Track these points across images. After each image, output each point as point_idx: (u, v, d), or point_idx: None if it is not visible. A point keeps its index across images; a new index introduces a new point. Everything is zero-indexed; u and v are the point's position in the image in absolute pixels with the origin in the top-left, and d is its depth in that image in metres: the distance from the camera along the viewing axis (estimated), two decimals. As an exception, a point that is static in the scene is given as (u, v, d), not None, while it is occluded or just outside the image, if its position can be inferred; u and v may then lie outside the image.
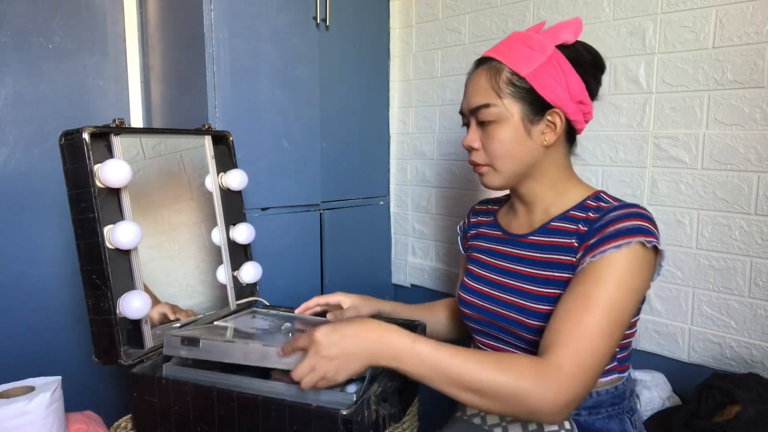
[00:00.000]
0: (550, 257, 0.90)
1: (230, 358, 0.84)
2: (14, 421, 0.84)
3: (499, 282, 0.97)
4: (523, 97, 0.87)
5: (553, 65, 0.87)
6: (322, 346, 0.75)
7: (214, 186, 1.18)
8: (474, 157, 0.94)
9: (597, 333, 0.74)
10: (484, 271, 1.01)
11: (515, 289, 0.93)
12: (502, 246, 1.01)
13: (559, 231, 0.91)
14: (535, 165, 0.92)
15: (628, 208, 0.84)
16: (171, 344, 0.90)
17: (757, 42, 1.11)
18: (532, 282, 0.91)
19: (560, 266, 0.87)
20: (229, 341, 0.85)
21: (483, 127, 0.91)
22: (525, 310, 0.89)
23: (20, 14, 1.43)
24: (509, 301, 0.92)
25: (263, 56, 1.47)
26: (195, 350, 0.87)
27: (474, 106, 0.91)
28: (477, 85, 0.92)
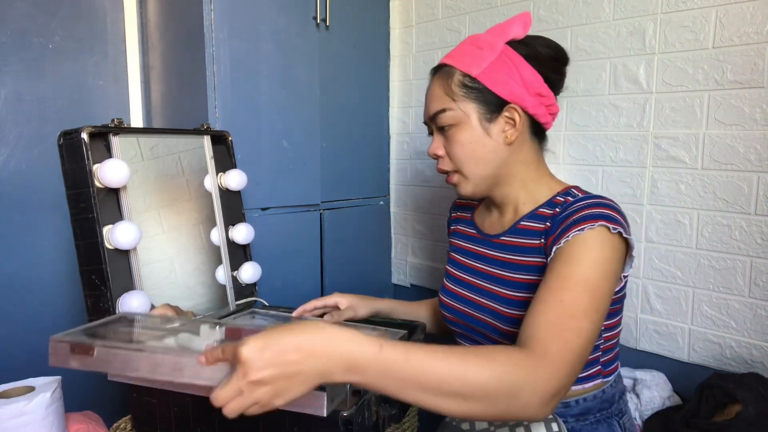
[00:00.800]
0: (520, 259, 0.89)
1: (134, 371, 0.65)
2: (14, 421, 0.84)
3: (473, 284, 0.97)
4: (477, 96, 0.87)
5: (504, 61, 0.87)
6: (251, 369, 0.55)
7: (213, 186, 1.18)
8: (441, 164, 0.94)
9: (578, 312, 0.70)
10: (459, 272, 1.02)
11: (487, 291, 0.93)
12: (476, 246, 1.01)
13: (528, 231, 0.90)
14: (503, 166, 0.90)
15: (593, 198, 0.82)
16: (58, 353, 0.69)
17: (757, 42, 1.11)
18: (503, 285, 0.90)
19: (530, 269, 0.87)
20: (134, 349, 0.65)
21: (444, 133, 0.91)
22: (497, 314, 0.89)
23: (20, 14, 1.43)
24: (483, 304, 0.92)
25: (263, 56, 1.47)
26: (88, 360, 0.67)
27: (432, 113, 0.91)
28: (432, 92, 0.92)
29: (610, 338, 0.90)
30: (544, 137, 0.95)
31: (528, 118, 0.90)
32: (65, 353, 0.69)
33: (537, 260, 0.86)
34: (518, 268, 0.89)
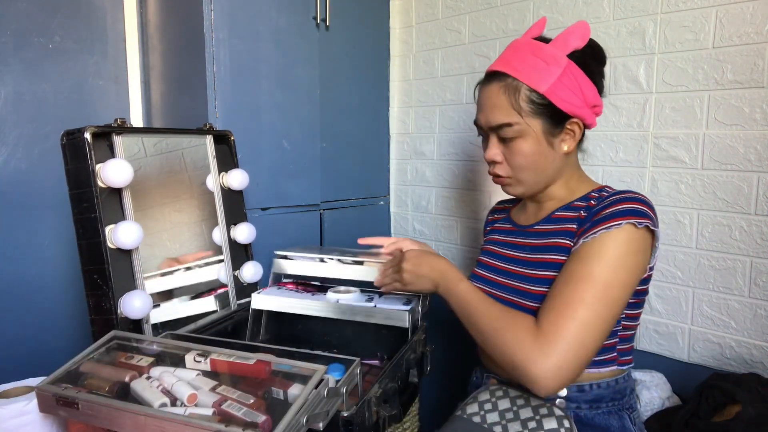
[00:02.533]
0: (549, 242, 0.94)
1: (119, 427, 0.69)
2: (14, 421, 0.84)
3: (502, 268, 1.01)
4: (543, 112, 0.89)
5: (568, 77, 0.88)
6: (409, 262, 0.97)
7: (215, 186, 1.18)
8: (497, 169, 0.96)
9: (591, 303, 0.79)
10: (491, 259, 1.06)
11: (515, 273, 0.97)
12: (509, 237, 1.05)
13: (562, 219, 0.95)
14: (556, 171, 0.96)
15: (625, 193, 0.87)
16: (45, 403, 0.73)
17: (757, 42, 1.11)
18: (528, 266, 0.95)
19: (556, 249, 0.91)
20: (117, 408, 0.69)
21: (504, 143, 0.93)
22: (522, 293, 0.93)
23: (20, 14, 1.43)
24: (509, 285, 0.97)
25: (263, 56, 1.47)
26: (75, 413, 0.72)
27: (495, 125, 0.92)
28: (495, 102, 0.92)
29: (629, 327, 0.92)
30: (583, 138, 0.98)
31: (584, 127, 0.94)
32: (52, 404, 0.73)
33: (564, 241, 0.90)
34: (545, 249, 0.93)
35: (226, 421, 0.65)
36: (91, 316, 0.93)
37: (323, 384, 0.71)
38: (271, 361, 0.77)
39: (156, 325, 1.00)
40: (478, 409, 0.91)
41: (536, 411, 0.88)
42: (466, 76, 1.67)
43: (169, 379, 0.74)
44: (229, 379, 0.75)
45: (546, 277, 0.90)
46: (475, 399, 0.93)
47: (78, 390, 0.72)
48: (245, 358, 0.78)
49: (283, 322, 1.18)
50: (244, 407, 0.67)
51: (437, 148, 1.79)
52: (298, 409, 0.65)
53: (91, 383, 0.75)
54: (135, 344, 0.85)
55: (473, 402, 0.93)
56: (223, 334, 1.10)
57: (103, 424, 0.70)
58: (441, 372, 1.67)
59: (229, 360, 0.78)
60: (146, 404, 0.69)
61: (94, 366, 0.79)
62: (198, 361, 0.79)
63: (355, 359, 0.80)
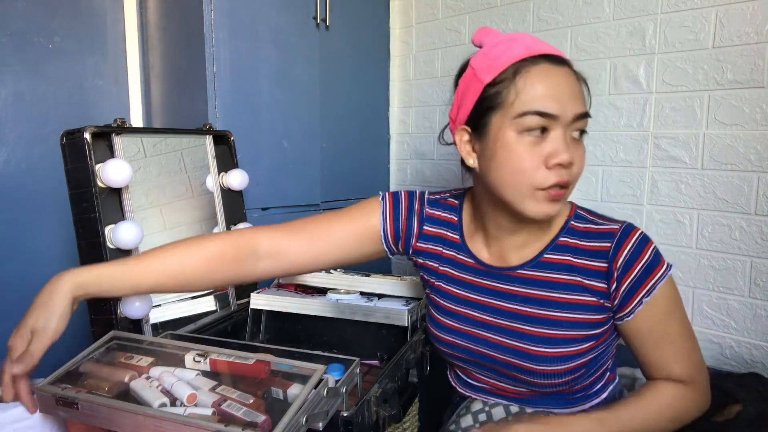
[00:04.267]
0: (559, 297, 0.81)
1: (119, 427, 0.69)
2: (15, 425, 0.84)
3: (482, 321, 0.86)
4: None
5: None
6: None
7: (215, 186, 1.18)
8: (567, 175, 0.75)
9: (693, 347, 0.83)
10: (457, 306, 0.89)
11: (510, 330, 0.83)
12: (475, 277, 0.88)
13: (557, 265, 0.82)
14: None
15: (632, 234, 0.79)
16: (45, 402, 0.73)
17: (757, 42, 1.11)
18: (538, 324, 0.81)
19: (579, 307, 0.80)
20: (117, 408, 0.68)
21: (575, 141, 0.77)
22: (526, 354, 0.81)
23: (20, 14, 1.43)
24: (503, 344, 0.83)
25: (263, 56, 1.47)
26: (74, 413, 0.71)
27: (581, 113, 0.75)
28: (575, 89, 0.76)
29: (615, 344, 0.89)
30: None
31: None
32: (52, 405, 0.72)
33: (585, 299, 0.80)
34: (555, 306, 0.81)
35: (226, 421, 0.65)
36: (91, 316, 0.93)
37: (323, 384, 0.71)
38: (271, 361, 0.76)
39: (156, 325, 1.00)
40: (472, 421, 0.87)
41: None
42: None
43: (168, 379, 0.74)
44: (229, 379, 0.75)
45: (567, 336, 0.79)
46: (468, 410, 0.89)
47: (78, 390, 0.72)
48: (245, 358, 0.77)
49: (283, 322, 1.18)
50: (243, 407, 0.67)
51: (437, 148, 1.78)
52: (297, 409, 0.65)
53: (91, 383, 0.75)
54: (135, 344, 0.85)
55: (466, 414, 0.88)
56: (222, 334, 1.10)
57: (102, 424, 0.70)
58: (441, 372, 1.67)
59: (228, 360, 0.78)
60: (146, 404, 0.69)
61: (94, 366, 0.79)
62: (197, 361, 0.79)
63: (355, 359, 0.79)
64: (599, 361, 0.85)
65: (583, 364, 0.81)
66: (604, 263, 0.79)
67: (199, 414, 0.67)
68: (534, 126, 0.73)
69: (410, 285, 1.16)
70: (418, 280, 1.19)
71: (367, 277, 1.20)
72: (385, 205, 0.94)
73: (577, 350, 0.80)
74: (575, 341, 0.80)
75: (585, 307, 0.80)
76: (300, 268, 0.91)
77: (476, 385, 0.92)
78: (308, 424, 0.66)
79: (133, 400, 0.71)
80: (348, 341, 1.14)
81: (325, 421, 0.69)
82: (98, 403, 0.69)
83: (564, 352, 0.79)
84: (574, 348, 0.80)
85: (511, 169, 0.75)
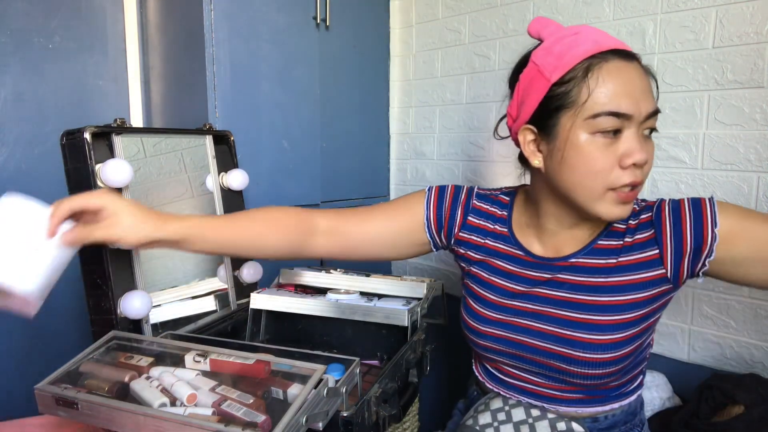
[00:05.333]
0: (616, 281, 0.79)
1: (119, 427, 0.69)
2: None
3: (532, 311, 0.84)
4: None
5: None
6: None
7: (215, 186, 1.18)
8: (641, 175, 0.74)
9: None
10: (502, 298, 0.88)
11: (562, 319, 0.81)
12: (524, 269, 0.87)
13: (608, 250, 0.81)
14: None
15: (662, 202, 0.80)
16: (45, 403, 0.73)
17: (757, 42, 1.11)
18: (589, 311, 0.80)
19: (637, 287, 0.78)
20: (117, 408, 0.68)
21: (645, 139, 0.75)
22: (582, 344, 0.79)
23: (20, 14, 1.43)
24: (557, 334, 0.81)
25: (263, 56, 1.47)
26: (74, 413, 0.71)
27: (652, 111, 0.74)
28: (647, 86, 0.74)
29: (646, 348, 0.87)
30: None
31: None
32: (52, 404, 0.72)
33: (643, 276, 0.78)
34: (609, 291, 0.79)
35: (226, 421, 0.65)
36: (91, 316, 0.93)
37: (323, 384, 0.71)
38: (271, 361, 0.77)
39: (156, 325, 1.00)
40: (491, 419, 0.86)
41: (554, 427, 0.82)
42: (466, 76, 1.67)
43: (168, 379, 0.74)
44: (229, 379, 0.75)
45: (617, 322, 0.78)
46: (487, 407, 0.87)
47: (78, 390, 0.72)
48: (245, 358, 0.78)
49: (283, 322, 1.18)
50: (243, 407, 0.68)
51: (437, 148, 1.79)
52: (297, 409, 0.65)
53: (91, 383, 0.75)
54: (135, 344, 0.85)
55: (485, 411, 0.86)
56: (222, 334, 1.10)
57: (102, 424, 0.70)
58: (441, 372, 1.67)
59: (228, 360, 0.78)
60: (146, 404, 0.70)
61: (94, 366, 0.80)
62: (197, 361, 0.79)
63: (355, 359, 0.80)
64: (640, 354, 0.84)
65: (628, 354, 0.79)
66: (650, 231, 0.78)
67: (199, 414, 0.67)
68: (609, 128, 0.72)
69: (410, 285, 1.16)
70: (418, 280, 1.19)
71: (367, 277, 1.20)
72: (430, 195, 0.95)
73: (626, 336, 0.78)
74: (625, 326, 0.78)
75: (637, 286, 0.78)
76: (352, 250, 0.94)
77: (505, 380, 0.90)
78: (308, 424, 0.66)
79: (133, 400, 0.72)
80: (348, 341, 1.14)
81: (325, 421, 0.69)
82: (98, 403, 0.69)
83: (613, 339, 0.78)
84: (624, 334, 0.78)
85: (584, 171, 0.74)
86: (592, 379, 0.80)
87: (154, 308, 0.98)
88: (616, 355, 0.78)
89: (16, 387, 1.39)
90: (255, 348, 0.91)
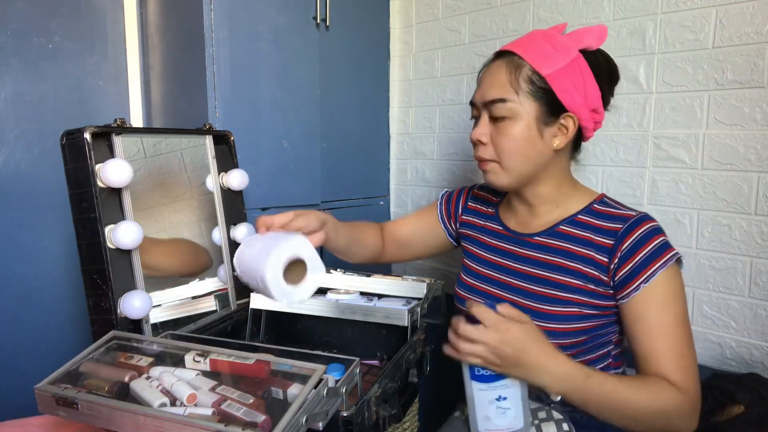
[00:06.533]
0: (565, 263, 0.90)
1: (119, 427, 0.69)
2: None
3: (502, 281, 0.96)
4: (541, 97, 0.86)
5: (575, 69, 0.86)
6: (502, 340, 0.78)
7: (215, 186, 1.18)
8: (481, 152, 0.91)
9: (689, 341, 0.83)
10: (480, 267, 1.01)
11: (523, 290, 0.93)
12: (503, 242, 1.00)
13: (570, 236, 0.91)
14: (543, 167, 0.91)
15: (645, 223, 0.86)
16: (45, 403, 0.73)
17: (757, 42, 1.11)
18: (543, 284, 0.91)
19: (577, 275, 0.88)
20: (117, 408, 0.68)
21: (495, 123, 0.89)
22: (539, 313, 0.89)
23: (20, 14, 1.43)
24: (516, 302, 0.92)
25: (263, 56, 1.47)
26: (74, 413, 0.71)
27: (489, 99, 0.88)
28: (495, 78, 0.89)
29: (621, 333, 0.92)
30: (579, 147, 0.96)
31: (578, 128, 0.90)
32: (52, 404, 0.72)
33: (587, 270, 0.87)
34: (562, 270, 0.89)
35: (226, 421, 0.65)
36: (91, 316, 0.93)
37: (323, 384, 0.71)
38: (271, 361, 0.77)
39: (156, 325, 1.00)
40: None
41: (535, 415, 0.88)
42: (466, 76, 1.67)
43: (168, 379, 0.74)
44: (229, 379, 0.75)
45: (565, 298, 0.88)
46: None
47: (78, 390, 0.72)
48: (245, 358, 0.77)
49: (283, 322, 1.18)
50: (243, 407, 0.67)
51: (437, 148, 1.79)
52: (297, 409, 0.65)
53: (91, 383, 0.75)
54: (135, 344, 0.85)
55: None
56: (222, 334, 1.10)
57: (102, 424, 0.70)
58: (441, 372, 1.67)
59: (228, 360, 0.78)
60: (146, 404, 0.70)
61: (94, 366, 0.79)
62: (197, 361, 0.79)
63: (355, 359, 0.79)
64: (599, 338, 0.90)
65: (584, 330, 0.88)
66: (612, 240, 0.86)
67: (199, 414, 0.67)
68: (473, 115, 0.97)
69: (410, 285, 1.16)
70: (418, 280, 1.19)
71: (368, 277, 1.20)
72: (444, 195, 1.18)
73: (577, 312, 0.87)
74: (575, 304, 0.87)
75: (584, 276, 0.88)
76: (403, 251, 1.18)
77: None
78: (308, 424, 0.66)
79: (133, 400, 0.72)
80: (348, 341, 1.14)
81: (325, 421, 0.69)
82: (98, 403, 0.69)
83: (564, 311, 0.87)
84: (574, 309, 0.87)
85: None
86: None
87: (154, 308, 0.98)
88: (570, 327, 0.87)
89: (16, 387, 1.39)
90: (255, 348, 0.91)
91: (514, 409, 0.81)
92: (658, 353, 0.82)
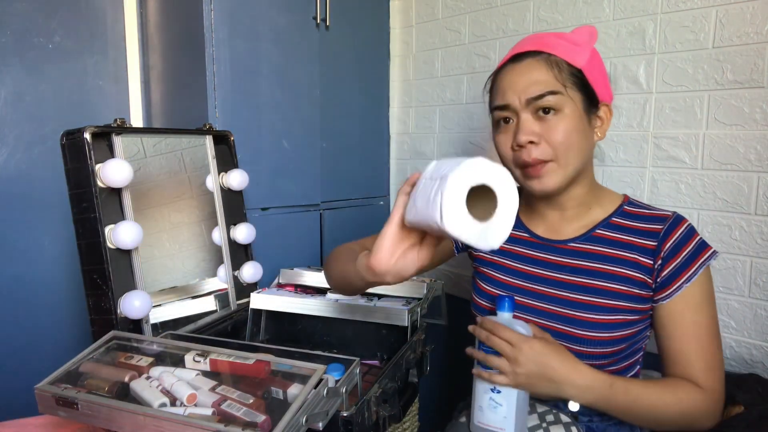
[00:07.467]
0: (605, 268, 0.87)
1: (119, 427, 0.70)
2: None
3: (538, 291, 0.91)
4: (581, 88, 0.85)
5: (597, 61, 0.87)
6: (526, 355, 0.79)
7: (215, 186, 1.18)
8: (536, 153, 0.83)
9: (718, 344, 0.85)
10: (508, 276, 0.95)
11: (563, 299, 0.88)
12: (531, 250, 0.95)
13: (609, 240, 0.89)
14: (588, 162, 0.90)
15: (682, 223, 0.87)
16: (45, 403, 0.73)
17: (757, 42, 1.11)
18: (580, 292, 0.87)
19: (622, 279, 0.86)
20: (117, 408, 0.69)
21: (541, 121, 0.84)
22: (574, 320, 0.86)
23: (20, 14, 1.43)
24: (552, 312, 0.89)
25: (263, 56, 1.47)
26: (74, 413, 0.72)
27: (536, 95, 0.83)
28: (533, 75, 0.84)
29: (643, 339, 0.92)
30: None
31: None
32: (52, 404, 0.73)
33: (632, 273, 0.86)
34: (604, 276, 0.87)
35: (226, 421, 0.65)
36: (91, 316, 0.93)
37: (323, 384, 0.71)
38: (271, 361, 0.77)
39: (156, 325, 1.00)
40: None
41: (542, 418, 0.85)
42: (466, 76, 1.67)
43: (168, 379, 0.74)
44: (229, 379, 0.75)
45: (608, 305, 0.85)
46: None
47: (78, 390, 0.73)
48: (245, 358, 0.78)
49: (283, 322, 1.18)
50: (243, 407, 0.68)
51: (437, 148, 1.78)
52: (297, 409, 0.65)
53: (91, 383, 0.75)
54: (135, 344, 0.85)
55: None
56: (222, 334, 1.10)
57: (102, 424, 0.70)
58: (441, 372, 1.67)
59: (228, 360, 0.78)
60: (146, 404, 0.70)
61: (94, 366, 0.80)
62: (197, 361, 0.79)
63: (355, 359, 0.80)
64: (634, 345, 0.89)
65: (624, 337, 0.85)
66: (654, 242, 0.86)
67: (199, 414, 0.67)
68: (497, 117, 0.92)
69: (410, 285, 1.16)
70: (418, 280, 1.19)
71: None
72: None
73: (619, 320, 0.85)
74: (619, 311, 0.85)
75: (629, 280, 0.86)
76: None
77: None
78: (308, 424, 0.66)
79: (133, 400, 0.72)
80: (348, 341, 1.14)
81: (325, 421, 0.69)
82: (98, 403, 0.69)
83: (608, 319, 0.85)
84: (618, 317, 0.85)
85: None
86: (592, 359, 0.85)
87: (154, 308, 0.98)
88: (611, 335, 0.85)
89: (16, 387, 1.39)
90: (255, 348, 0.91)
91: (506, 408, 0.81)
92: (689, 354, 0.83)
